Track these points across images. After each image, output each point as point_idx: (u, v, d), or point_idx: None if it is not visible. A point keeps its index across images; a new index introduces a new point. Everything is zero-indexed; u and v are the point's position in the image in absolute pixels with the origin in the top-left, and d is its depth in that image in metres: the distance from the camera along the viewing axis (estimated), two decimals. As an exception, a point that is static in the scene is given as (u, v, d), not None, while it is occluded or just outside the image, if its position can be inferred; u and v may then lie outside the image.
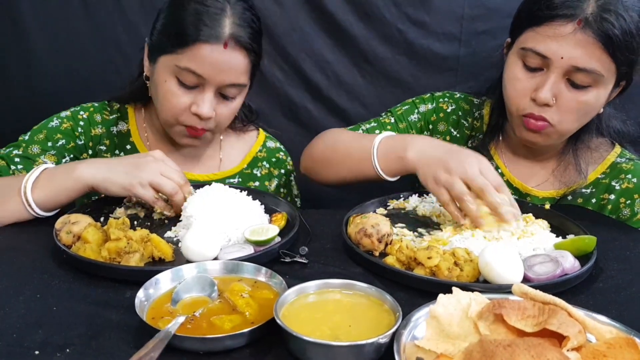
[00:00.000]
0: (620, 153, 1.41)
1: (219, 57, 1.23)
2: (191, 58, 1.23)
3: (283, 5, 1.76)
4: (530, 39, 1.24)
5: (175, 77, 1.26)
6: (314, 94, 1.85)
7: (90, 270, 0.95)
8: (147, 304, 0.82)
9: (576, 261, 0.97)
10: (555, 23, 1.19)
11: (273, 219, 1.17)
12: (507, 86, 1.31)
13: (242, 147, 1.56)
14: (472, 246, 1.03)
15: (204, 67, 1.23)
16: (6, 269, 0.97)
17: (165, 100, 1.29)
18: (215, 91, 1.28)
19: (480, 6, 1.74)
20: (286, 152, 1.63)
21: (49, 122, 1.41)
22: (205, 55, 1.22)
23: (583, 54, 1.17)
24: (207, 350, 0.75)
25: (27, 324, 0.81)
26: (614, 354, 0.66)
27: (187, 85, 1.27)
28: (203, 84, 1.26)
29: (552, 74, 1.21)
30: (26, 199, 1.11)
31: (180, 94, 1.27)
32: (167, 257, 1.00)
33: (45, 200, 1.13)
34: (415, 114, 1.53)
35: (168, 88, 1.27)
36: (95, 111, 1.46)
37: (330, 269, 1.00)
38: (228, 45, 1.23)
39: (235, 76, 1.28)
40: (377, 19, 1.76)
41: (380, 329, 0.73)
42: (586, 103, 1.23)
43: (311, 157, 1.46)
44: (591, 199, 1.38)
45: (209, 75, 1.24)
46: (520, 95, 1.27)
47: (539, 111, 1.25)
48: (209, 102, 1.27)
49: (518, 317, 0.70)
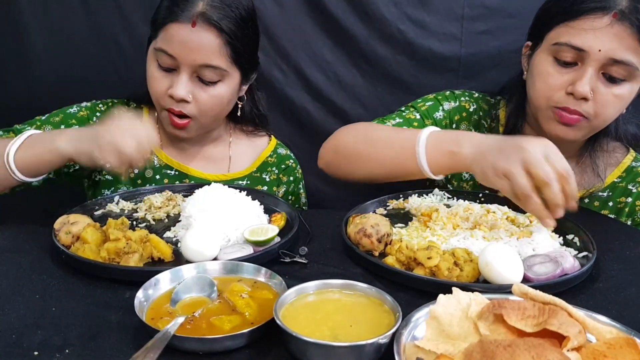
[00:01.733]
0: (635, 157, 1.42)
1: (187, 35, 1.26)
2: (163, 38, 1.28)
3: (283, 5, 1.76)
4: (564, 34, 1.23)
5: (156, 61, 1.31)
6: (314, 94, 1.85)
7: (89, 270, 0.95)
8: (147, 304, 0.82)
9: (576, 261, 0.97)
10: (590, 16, 1.19)
11: (273, 219, 1.17)
12: (537, 82, 1.29)
13: (252, 151, 1.56)
14: (472, 246, 1.03)
15: (173, 46, 1.26)
16: (5, 270, 0.97)
17: (150, 86, 1.34)
18: (190, 74, 1.29)
19: (480, 6, 1.73)
20: (296, 160, 1.63)
21: (69, 108, 1.44)
22: (174, 34, 1.26)
23: (620, 46, 1.18)
24: (207, 350, 0.75)
25: (26, 324, 0.81)
26: (614, 354, 0.65)
27: (164, 68, 1.30)
28: (178, 65, 1.29)
29: (588, 67, 1.21)
30: (8, 162, 1.15)
31: (159, 77, 1.31)
32: (167, 257, 1.00)
33: (25, 167, 1.17)
34: (440, 111, 1.48)
35: (151, 73, 1.33)
36: (114, 106, 1.48)
37: (330, 269, 1.00)
38: (197, 23, 1.25)
39: (206, 56, 1.28)
40: (377, 19, 1.76)
41: (380, 329, 0.73)
42: (621, 97, 1.24)
43: (335, 150, 1.35)
44: (608, 202, 1.39)
45: (179, 54, 1.27)
46: (553, 89, 1.26)
47: (574, 105, 1.24)
48: (182, 84, 1.29)
49: (518, 318, 0.70)
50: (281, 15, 1.77)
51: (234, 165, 1.52)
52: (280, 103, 1.86)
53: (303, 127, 1.88)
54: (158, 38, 1.29)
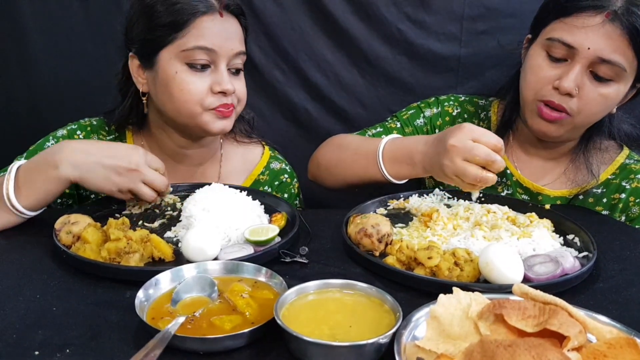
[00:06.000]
0: (628, 155, 1.43)
1: (220, 25, 1.25)
2: (196, 34, 1.23)
3: (283, 5, 1.76)
4: (558, 30, 1.25)
5: (186, 64, 1.25)
6: (314, 94, 1.85)
7: (90, 270, 0.95)
8: (147, 304, 0.82)
9: (576, 261, 0.98)
10: (584, 14, 1.21)
11: (273, 219, 1.17)
12: (528, 74, 1.32)
13: (243, 167, 1.51)
14: (473, 246, 1.03)
15: (212, 39, 1.24)
16: (6, 269, 0.97)
17: (184, 93, 1.25)
18: (227, 65, 1.28)
19: (480, 6, 1.74)
20: (292, 172, 1.56)
21: (45, 142, 1.38)
22: (208, 26, 1.24)
23: (609, 46, 1.19)
24: (207, 350, 0.75)
25: (27, 324, 0.81)
26: (614, 354, 0.65)
27: (199, 68, 1.25)
28: (215, 60, 1.26)
29: (577, 64, 1.23)
30: (15, 209, 1.10)
31: (197, 79, 1.25)
32: (167, 257, 1.00)
33: (34, 205, 1.12)
34: (421, 118, 1.53)
35: (182, 78, 1.25)
36: (93, 131, 1.43)
37: (330, 269, 1.00)
38: (223, 13, 1.25)
39: (239, 43, 1.30)
40: (377, 19, 1.76)
41: (380, 329, 0.73)
42: (607, 97, 1.25)
43: (317, 164, 1.47)
44: (602, 199, 1.40)
45: (219, 45, 1.24)
46: (541, 82, 1.28)
47: (559, 100, 1.26)
48: (227, 77, 1.27)
49: (518, 317, 0.70)
50: (281, 15, 1.77)
51: (225, 182, 1.45)
52: (280, 103, 1.86)
53: (303, 127, 1.88)
54: (186, 37, 1.22)
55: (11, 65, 1.79)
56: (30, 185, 1.11)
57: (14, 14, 1.74)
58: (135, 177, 1.13)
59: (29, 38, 1.76)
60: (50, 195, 1.13)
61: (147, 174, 1.14)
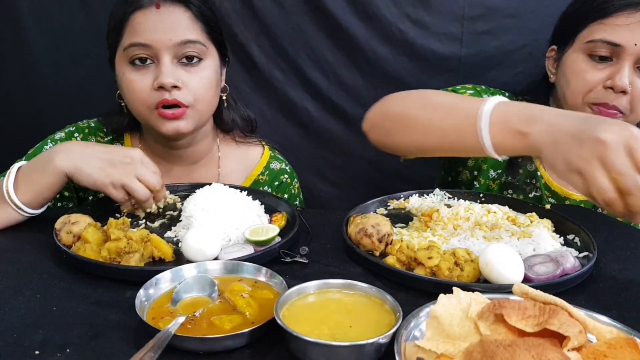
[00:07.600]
0: None
1: (155, 18, 1.23)
2: (131, 32, 1.24)
3: (283, 5, 1.76)
4: (599, 31, 1.27)
5: (129, 64, 1.25)
6: (314, 94, 1.85)
7: (90, 270, 0.95)
8: (147, 304, 0.82)
9: (576, 261, 0.97)
10: (623, 13, 1.24)
11: (273, 219, 1.17)
12: (572, 80, 1.32)
13: (243, 169, 1.49)
14: (473, 246, 1.03)
15: (146, 34, 1.22)
16: (6, 269, 0.97)
17: (130, 92, 1.26)
18: (171, 58, 1.24)
19: (480, 6, 1.74)
20: (292, 172, 1.54)
21: (44, 145, 1.38)
22: (140, 21, 1.23)
23: None
24: (207, 350, 0.75)
25: (27, 324, 0.81)
26: (614, 354, 0.65)
27: (139, 65, 1.25)
28: (155, 54, 1.24)
29: (625, 61, 1.25)
30: (15, 204, 1.10)
31: (139, 77, 1.25)
32: (167, 257, 1.00)
33: (33, 200, 1.12)
34: None
35: (128, 78, 1.25)
36: (90, 133, 1.44)
37: (330, 269, 1.00)
38: (160, 5, 1.23)
39: (182, 32, 1.24)
40: (377, 19, 1.76)
41: (380, 329, 0.73)
42: None
43: (386, 113, 1.20)
44: None
45: (154, 40, 1.22)
46: (589, 84, 1.29)
47: (612, 100, 1.27)
48: (166, 69, 1.23)
49: (518, 317, 0.70)
50: (281, 15, 1.77)
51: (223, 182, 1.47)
52: (280, 103, 1.87)
53: (303, 127, 1.89)
54: (125, 36, 1.24)
55: (11, 65, 1.79)
56: (27, 181, 1.11)
57: (14, 14, 1.74)
58: (129, 170, 1.11)
59: (29, 38, 1.76)
60: (47, 189, 1.11)
61: (141, 169, 1.12)
